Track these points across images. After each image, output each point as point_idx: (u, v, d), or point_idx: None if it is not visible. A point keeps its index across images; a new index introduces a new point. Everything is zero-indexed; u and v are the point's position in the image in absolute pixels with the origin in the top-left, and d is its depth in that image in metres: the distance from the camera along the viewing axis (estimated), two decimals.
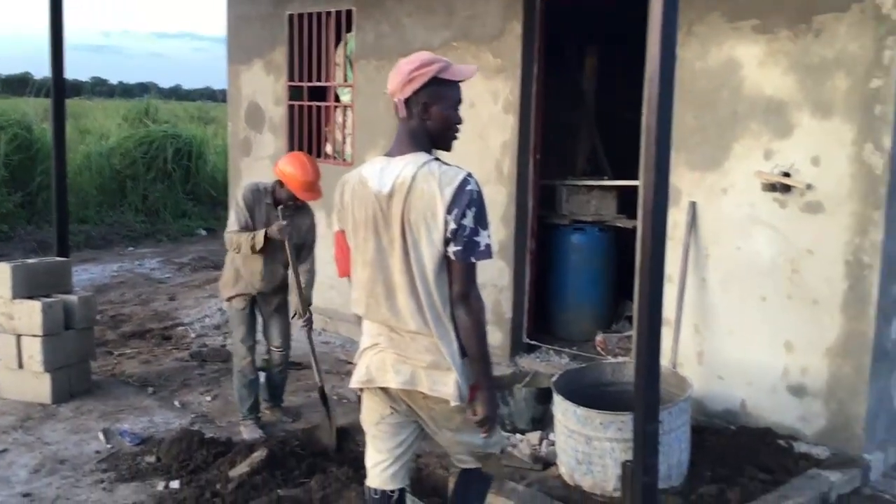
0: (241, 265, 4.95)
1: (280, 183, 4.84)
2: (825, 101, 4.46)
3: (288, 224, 4.77)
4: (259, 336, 5.19)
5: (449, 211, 2.62)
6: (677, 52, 4.77)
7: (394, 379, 2.81)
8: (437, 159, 2.75)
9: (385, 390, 2.88)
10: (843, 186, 4.43)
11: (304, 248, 5.00)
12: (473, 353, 2.73)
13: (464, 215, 2.62)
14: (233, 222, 4.89)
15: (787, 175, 4.61)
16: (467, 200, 2.62)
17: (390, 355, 2.82)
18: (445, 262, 2.68)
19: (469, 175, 2.68)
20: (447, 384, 2.74)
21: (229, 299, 5.06)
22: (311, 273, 5.05)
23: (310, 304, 4.99)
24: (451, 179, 2.65)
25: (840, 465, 4.39)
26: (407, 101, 2.75)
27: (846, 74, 4.38)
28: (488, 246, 2.68)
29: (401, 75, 2.75)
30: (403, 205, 2.67)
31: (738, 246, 4.86)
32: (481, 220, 2.66)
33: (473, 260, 2.67)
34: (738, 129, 4.79)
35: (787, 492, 4.06)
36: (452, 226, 2.62)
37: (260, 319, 5.18)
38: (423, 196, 2.64)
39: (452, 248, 2.65)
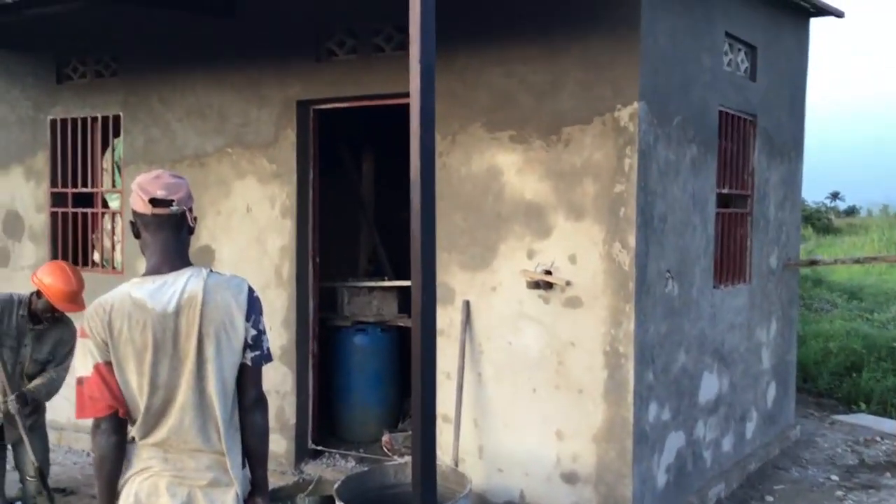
0: None
1: (38, 294, 4.52)
2: (577, 204, 4.86)
3: (17, 399, 4.46)
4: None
5: (247, 318, 2.69)
6: (445, 159, 5.15)
7: (168, 503, 2.67)
8: (212, 270, 2.76)
9: None
10: (598, 282, 4.80)
11: (53, 363, 4.66)
12: (261, 456, 2.78)
13: (258, 321, 2.73)
14: None
15: (548, 273, 4.93)
16: (259, 307, 2.75)
17: (165, 478, 2.68)
18: (238, 369, 2.71)
19: (248, 282, 2.78)
20: (226, 502, 2.68)
21: None
22: (54, 381, 4.63)
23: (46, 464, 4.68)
24: (239, 288, 2.72)
25: None
26: (190, 210, 2.74)
27: (593, 180, 4.81)
28: (269, 349, 2.80)
29: (182, 186, 2.73)
30: (199, 319, 2.62)
31: (509, 341, 5.09)
32: (265, 325, 2.79)
33: (265, 363, 2.77)
34: (503, 231, 5.09)
35: None
36: (253, 332, 2.70)
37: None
38: (220, 307, 2.65)
39: (251, 354, 2.71)
